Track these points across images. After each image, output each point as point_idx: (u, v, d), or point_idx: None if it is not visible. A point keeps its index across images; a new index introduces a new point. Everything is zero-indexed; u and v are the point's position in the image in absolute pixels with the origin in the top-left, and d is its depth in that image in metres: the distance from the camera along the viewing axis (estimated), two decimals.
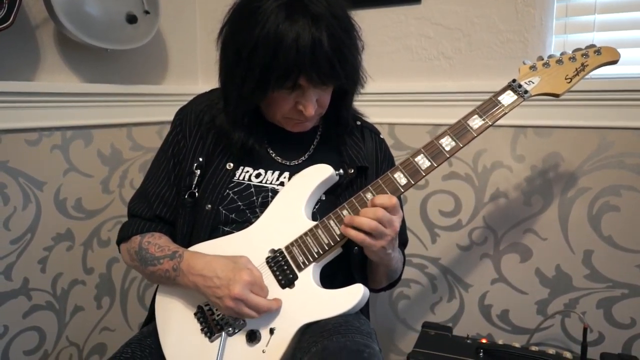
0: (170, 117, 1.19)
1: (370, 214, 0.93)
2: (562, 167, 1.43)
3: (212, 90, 1.19)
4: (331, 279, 1.04)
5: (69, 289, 1.58)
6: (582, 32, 1.42)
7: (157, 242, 1.08)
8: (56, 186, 1.51)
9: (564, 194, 1.43)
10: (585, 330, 1.29)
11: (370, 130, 1.20)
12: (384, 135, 1.24)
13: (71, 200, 1.56)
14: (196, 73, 1.98)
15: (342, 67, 0.95)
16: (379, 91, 1.60)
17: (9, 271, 1.42)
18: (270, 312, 0.96)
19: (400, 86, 1.61)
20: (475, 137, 0.98)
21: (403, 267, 1.19)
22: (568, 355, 1.28)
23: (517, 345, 1.32)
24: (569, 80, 0.98)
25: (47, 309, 1.52)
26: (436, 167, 0.97)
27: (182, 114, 1.17)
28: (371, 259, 1.02)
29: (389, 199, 0.94)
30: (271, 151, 1.12)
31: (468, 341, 1.37)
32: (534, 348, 1.31)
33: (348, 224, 0.95)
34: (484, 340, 1.36)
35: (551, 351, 1.29)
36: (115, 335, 1.74)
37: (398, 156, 1.59)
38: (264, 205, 1.07)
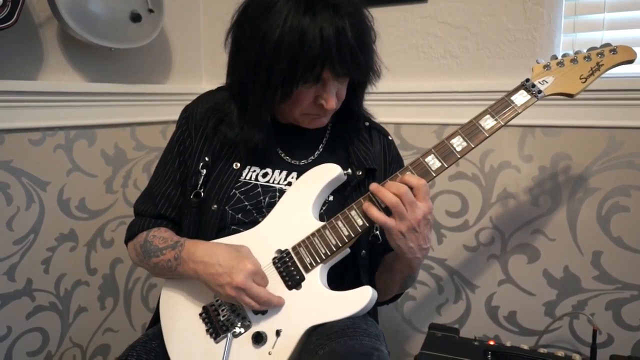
0: (174, 117, 1.18)
1: (394, 189, 0.92)
2: (571, 168, 1.42)
3: (218, 89, 1.18)
4: (338, 282, 1.02)
5: (72, 289, 1.57)
6: (591, 30, 1.40)
7: (162, 235, 1.07)
8: (60, 186, 1.50)
9: (573, 195, 1.42)
10: (594, 332, 1.28)
11: (379, 132, 1.18)
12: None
13: (75, 200, 1.55)
14: (200, 72, 1.97)
15: (363, 56, 0.95)
16: (384, 90, 1.57)
17: (12, 272, 1.41)
18: (270, 304, 0.95)
19: (407, 85, 1.60)
20: (487, 137, 0.96)
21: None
22: (577, 357, 1.26)
23: (525, 347, 1.30)
24: (583, 80, 0.96)
25: (50, 309, 1.51)
26: (447, 167, 0.96)
27: (187, 112, 1.15)
28: (393, 248, 0.98)
29: (417, 180, 0.93)
30: (280, 150, 1.11)
31: (475, 343, 1.35)
32: (542, 350, 1.29)
33: (374, 191, 0.94)
34: (491, 342, 1.34)
35: (560, 353, 1.27)
36: (118, 336, 1.73)
37: (404, 156, 1.56)
38: (271, 205, 1.05)
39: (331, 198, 1.07)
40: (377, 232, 1.08)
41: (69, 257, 1.55)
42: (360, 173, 1.08)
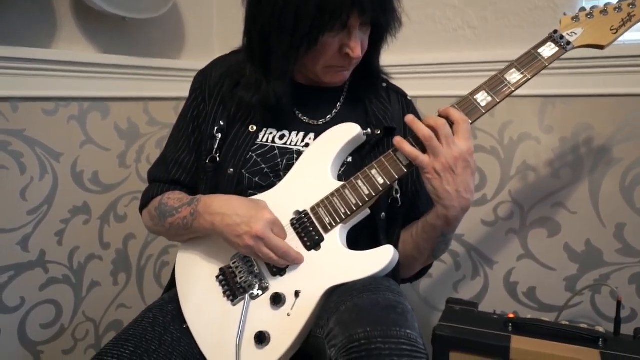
0: (187, 94, 1.16)
1: (431, 121, 0.89)
2: (593, 138, 1.38)
3: (231, 53, 1.16)
4: (355, 246, 1.00)
5: (85, 263, 1.56)
6: None
7: (177, 197, 1.06)
8: (73, 158, 1.49)
9: (595, 166, 1.38)
10: (619, 303, 1.24)
11: (397, 92, 1.16)
12: None
13: (88, 172, 1.54)
14: (212, 48, 1.95)
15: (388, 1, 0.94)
16: (401, 63, 1.55)
17: (26, 242, 1.39)
18: (289, 257, 0.93)
19: (423, 57, 1.57)
20: (514, 91, 0.93)
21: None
22: (600, 329, 1.23)
23: (546, 319, 1.27)
24: (614, 31, 0.93)
25: (64, 282, 1.50)
26: (471, 124, 0.93)
27: (201, 77, 1.14)
28: (429, 192, 0.92)
29: (460, 115, 0.90)
30: (297, 111, 1.09)
31: (495, 316, 1.33)
32: (564, 322, 1.26)
33: (410, 123, 0.91)
34: (511, 315, 1.31)
35: (582, 325, 1.24)
36: (131, 312, 1.72)
37: None
38: (289, 168, 1.03)
39: (350, 159, 1.04)
40: (398, 195, 1.06)
41: (83, 230, 1.54)
42: (379, 132, 1.05)
